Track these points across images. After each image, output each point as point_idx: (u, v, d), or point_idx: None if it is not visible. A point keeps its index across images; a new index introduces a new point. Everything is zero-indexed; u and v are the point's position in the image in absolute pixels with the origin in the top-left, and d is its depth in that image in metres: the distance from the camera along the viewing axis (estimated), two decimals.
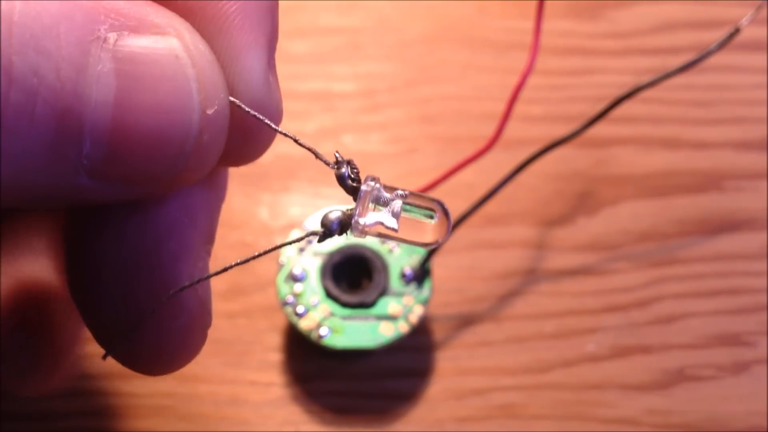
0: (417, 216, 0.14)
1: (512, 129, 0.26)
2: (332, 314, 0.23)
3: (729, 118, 0.29)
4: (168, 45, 0.13)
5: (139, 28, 0.12)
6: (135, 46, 0.12)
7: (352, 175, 0.14)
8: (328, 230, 0.14)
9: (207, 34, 0.14)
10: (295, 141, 0.15)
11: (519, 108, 0.24)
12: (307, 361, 0.25)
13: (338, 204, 0.26)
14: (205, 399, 0.24)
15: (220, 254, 0.26)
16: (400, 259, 0.24)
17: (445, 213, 0.14)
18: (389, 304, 0.24)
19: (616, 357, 0.25)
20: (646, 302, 0.26)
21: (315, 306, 0.24)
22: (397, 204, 0.14)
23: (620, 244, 0.27)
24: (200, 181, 0.14)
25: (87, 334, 0.16)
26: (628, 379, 0.25)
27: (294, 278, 0.24)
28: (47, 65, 0.11)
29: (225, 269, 0.15)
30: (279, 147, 0.28)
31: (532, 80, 0.24)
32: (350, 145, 0.28)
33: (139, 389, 0.24)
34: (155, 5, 0.13)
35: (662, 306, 0.26)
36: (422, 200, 0.14)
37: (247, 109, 0.14)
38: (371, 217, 0.14)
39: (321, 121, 0.29)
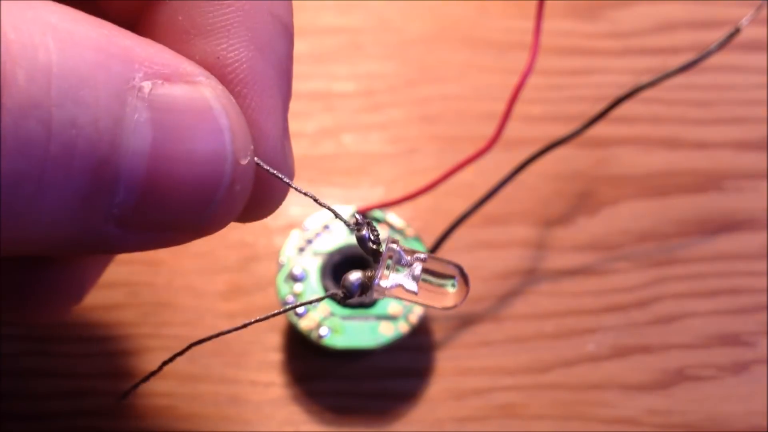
0: (435, 284, 0.14)
1: (512, 129, 0.26)
2: (332, 314, 0.23)
3: (729, 118, 0.29)
4: (201, 95, 0.13)
5: (171, 76, 0.12)
6: (170, 95, 0.12)
7: (372, 237, 0.15)
8: (348, 292, 0.15)
9: (233, 79, 0.14)
10: (315, 200, 0.15)
11: (519, 108, 0.24)
12: (307, 361, 0.25)
13: (339, 205, 0.26)
14: (205, 399, 0.24)
15: (220, 254, 0.26)
16: None
17: (464, 278, 0.14)
18: (389, 304, 0.24)
19: (616, 357, 0.25)
20: (646, 302, 0.26)
21: (315, 306, 0.24)
22: (417, 268, 0.14)
23: (620, 244, 0.27)
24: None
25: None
26: (628, 379, 0.25)
27: (294, 278, 0.24)
28: (86, 116, 0.11)
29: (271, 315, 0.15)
30: None
31: (532, 80, 0.24)
32: (350, 145, 0.28)
33: (139, 389, 0.24)
34: (182, 56, 0.13)
35: (662, 306, 0.26)
36: (441, 265, 0.14)
37: (266, 167, 0.14)
38: (391, 279, 0.14)
39: (321, 121, 0.29)
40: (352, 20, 0.31)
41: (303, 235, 0.24)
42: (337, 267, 0.24)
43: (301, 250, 0.24)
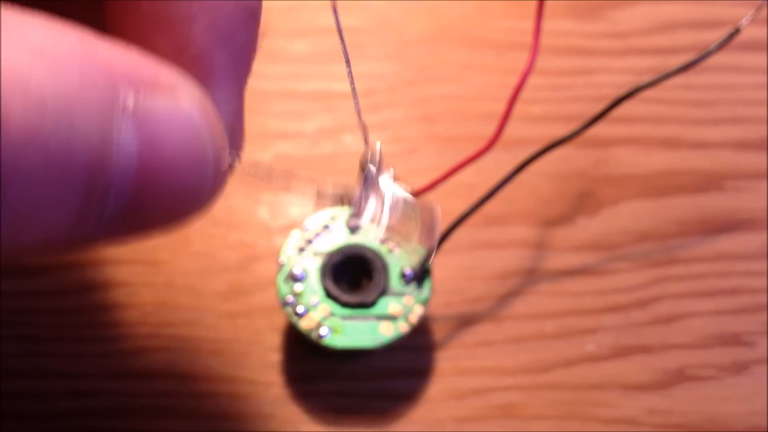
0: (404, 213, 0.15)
1: (512, 129, 0.26)
2: (332, 314, 0.23)
3: (729, 118, 0.29)
4: (183, 106, 0.13)
5: (153, 87, 0.13)
6: (153, 108, 0.12)
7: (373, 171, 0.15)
8: (341, 200, 0.15)
9: (193, 71, 0.14)
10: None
11: (519, 108, 0.24)
12: (307, 361, 0.25)
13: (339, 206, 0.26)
14: (205, 399, 0.24)
15: (220, 254, 0.26)
16: (400, 259, 0.24)
17: (433, 221, 0.15)
18: (389, 304, 0.24)
19: (616, 357, 0.25)
20: (646, 302, 0.26)
21: (315, 306, 0.24)
22: (398, 199, 0.15)
23: (620, 244, 0.27)
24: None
25: None
26: (628, 379, 0.25)
27: (294, 278, 0.24)
28: (78, 138, 0.11)
29: None
30: (279, 147, 0.28)
31: (532, 80, 0.24)
32: (350, 145, 0.28)
33: (139, 389, 0.24)
34: (159, 60, 0.13)
35: (662, 306, 0.26)
36: (411, 203, 0.15)
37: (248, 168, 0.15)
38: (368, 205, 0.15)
39: (321, 121, 0.29)
40: (352, 20, 0.31)
41: (303, 235, 0.24)
42: (337, 267, 0.24)
43: (301, 250, 0.24)
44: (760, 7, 0.24)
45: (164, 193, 0.13)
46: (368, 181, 0.15)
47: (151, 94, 0.12)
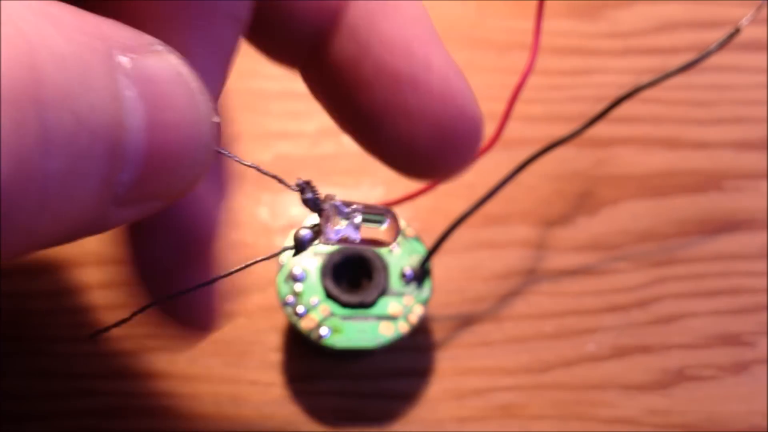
0: (373, 225, 0.16)
1: (512, 129, 0.26)
2: (332, 314, 0.23)
3: (729, 118, 0.29)
4: (170, 62, 0.13)
5: (139, 48, 0.12)
6: (146, 66, 0.12)
7: (314, 197, 0.16)
8: (300, 244, 0.16)
9: None
10: (258, 169, 0.16)
11: (519, 108, 0.24)
12: (307, 361, 0.25)
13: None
14: (205, 399, 0.24)
15: (220, 255, 0.26)
16: (400, 259, 0.24)
17: (394, 219, 0.16)
18: (389, 304, 0.24)
19: (616, 357, 0.25)
20: (646, 302, 0.26)
21: (315, 306, 0.24)
22: (358, 218, 0.16)
23: (620, 244, 0.27)
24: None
25: None
26: (628, 379, 0.25)
27: (294, 278, 0.24)
28: (97, 99, 0.11)
29: (226, 275, 0.15)
30: (279, 147, 0.28)
31: (532, 80, 0.24)
32: (350, 146, 0.28)
33: (139, 389, 0.24)
34: (134, 28, 0.13)
35: (662, 306, 0.26)
36: (375, 210, 0.16)
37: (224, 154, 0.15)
38: (336, 230, 0.16)
39: (321, 121, 0.29)
40: None
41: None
42: (337, 267, 0.24)
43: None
44: (760, 7, 0.24)
45: (170, 150, 0.13)
46: (325, 211, 0.16)
47: (141, 54, 0.12)
